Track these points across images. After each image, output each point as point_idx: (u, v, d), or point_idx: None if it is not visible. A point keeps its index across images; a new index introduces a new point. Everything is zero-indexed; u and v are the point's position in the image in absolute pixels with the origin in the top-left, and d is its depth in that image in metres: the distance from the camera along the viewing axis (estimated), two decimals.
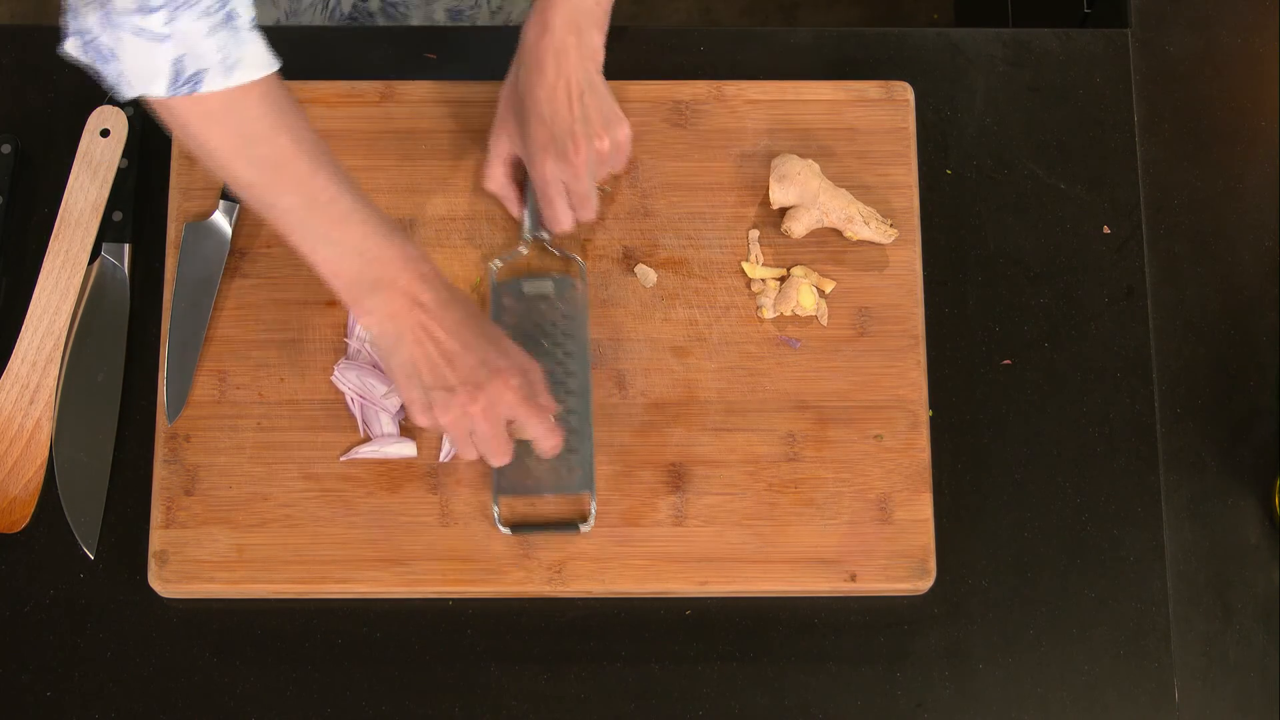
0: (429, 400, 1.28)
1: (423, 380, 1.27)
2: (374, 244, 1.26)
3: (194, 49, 1.15)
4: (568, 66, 1.36)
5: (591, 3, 1.37)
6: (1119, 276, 1.48)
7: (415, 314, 1.26)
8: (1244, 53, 1.55)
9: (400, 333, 1.26)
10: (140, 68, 1.15)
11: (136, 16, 1.13)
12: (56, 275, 1.44)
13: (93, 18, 1.13)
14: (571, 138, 1.36)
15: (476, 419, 1.28)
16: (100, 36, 1.14)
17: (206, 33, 1.15)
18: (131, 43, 1.14)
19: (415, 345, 1.27)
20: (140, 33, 1.13)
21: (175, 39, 1.14)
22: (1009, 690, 1.38)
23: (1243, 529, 1.43)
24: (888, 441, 1.40)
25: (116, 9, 1.12)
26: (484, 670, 1.38)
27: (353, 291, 1.26)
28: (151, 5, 1.12)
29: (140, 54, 1.14)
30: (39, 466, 1.40)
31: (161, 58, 1.15)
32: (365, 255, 1.26)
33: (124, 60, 1.15)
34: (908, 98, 1.48)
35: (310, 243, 1.25)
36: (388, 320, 1.26)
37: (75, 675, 1.37)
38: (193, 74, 1.16)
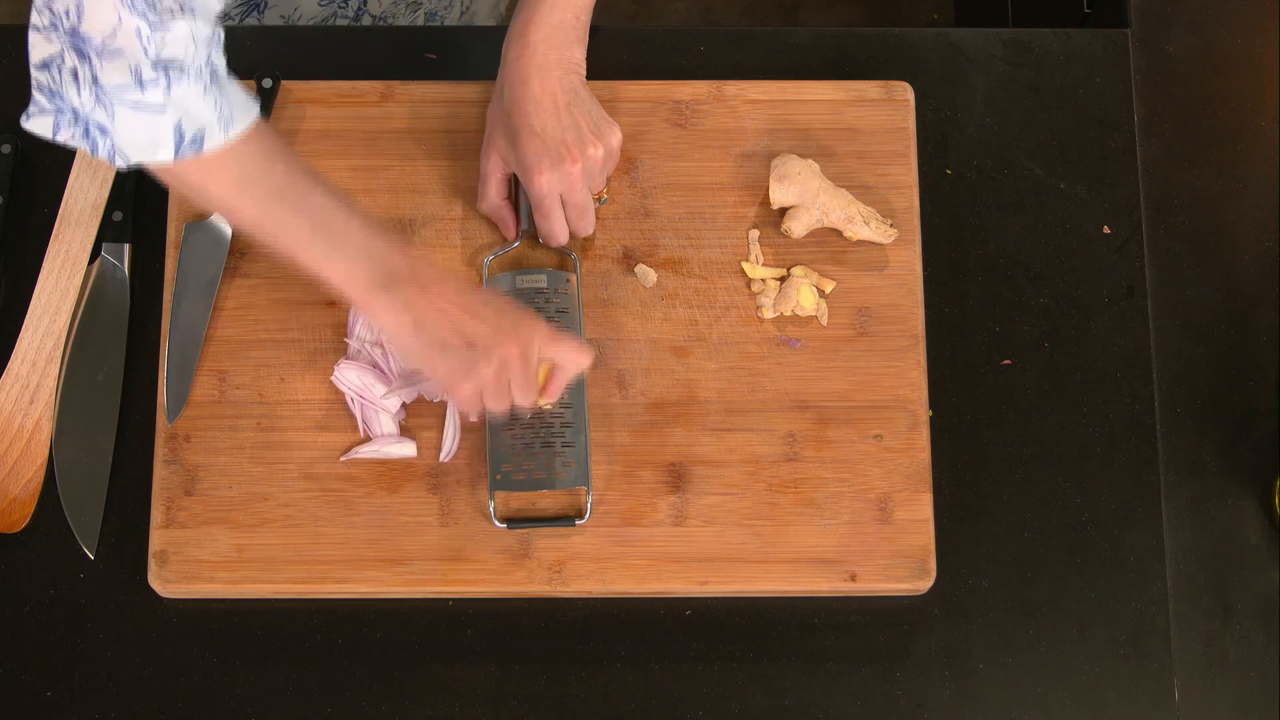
0: (466, 363, 1.28)
1: (454, 346, 1.27)
2: (377, 244, 1.27)
3: (191, 112, 1.16)
4: (552, 80, 1.37)
5: (571, 17, 1.38)
6: (1119, 276, 1.48)
7: (427, 296, 1.27)
8: (1244, 53, 1.55)
9: (419, 317, 1.27)
10: (141, 139, 1.15)
11: (133, 91, 1.12)
12: (56, 275, 1.44)
13: (83, 95, 1.12)
14: (565, 147, 1.37)
15: (515, 361, 1.28)
16: (93, 114, 1.13)
17: (200, 95, 1.16)
18: (128, 116, 1.14)
19: (436, 321, 1.27)
20: (138, 106, 1.13)
21: (173, 107, 1.14)
22: (1009, 690, 1.38)
23: (1243, 529, 1.43)
24: (888, 441, 1.40)
25: (109, 86, 1.12)
26: (484, 670, 1.38)
27: (369, 294, 1.27)
28: (145, 79, 1.12)
29: (140, 126, 1.14)
30: (39, 466, 1.40)
31: (162, 127, 1.15)
32: (373, 256, 1.27)
33: (121, 134, 1.14)
34: (908, 98, 1.49)
35: (321, 259, 1.27)
36: (405, 311, 1.27)
37: (75, 675, 1.37)
38: (194, 136, 1.17)
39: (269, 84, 1.46)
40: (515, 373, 1.29)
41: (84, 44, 1.11)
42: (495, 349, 1.27)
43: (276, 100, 1.46)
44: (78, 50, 1.11)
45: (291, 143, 1.46)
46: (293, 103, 1.47)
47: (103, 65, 1.11)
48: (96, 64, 1.11)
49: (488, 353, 1.27)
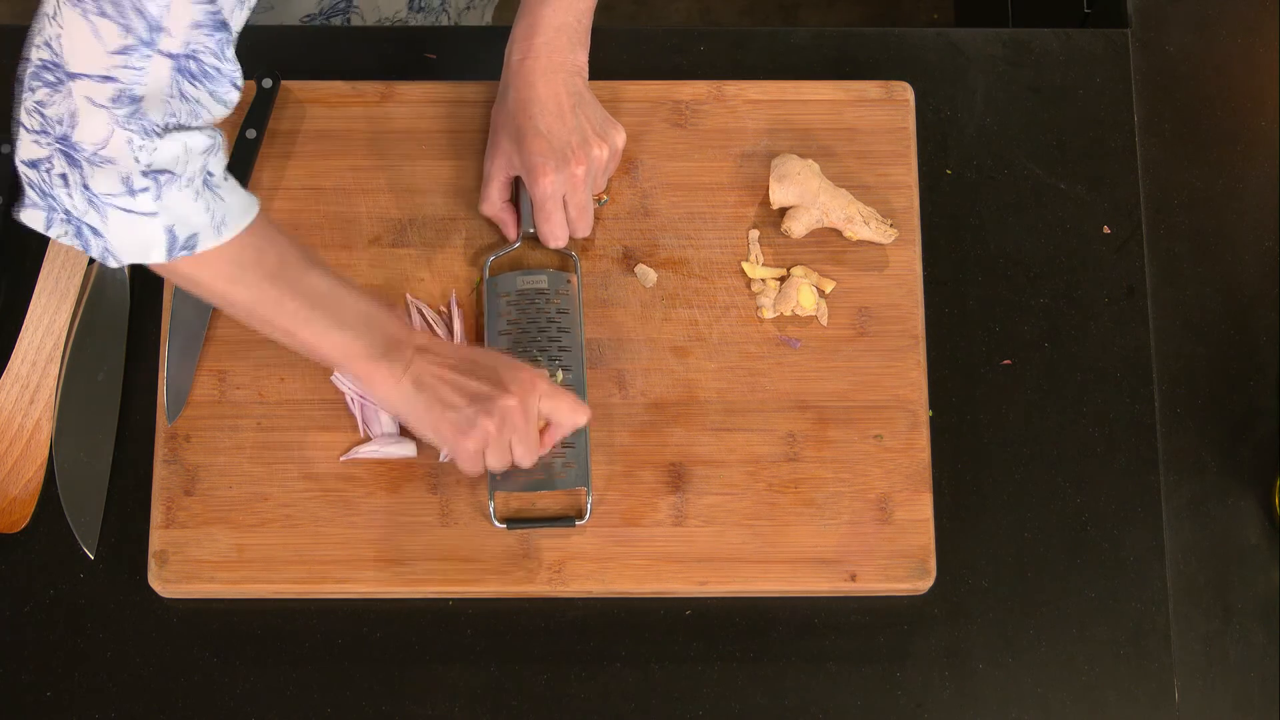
0: (467, 419, 1.28)
1: (455, 404, 1.27)
2: (373, 314, 1.27)
3: (184, 218, 1.15)
4: (556, 83, 1.37)
5: (573, 20, 1.38)
6: (1119, 276, 1.48)
7: (424, 358, 1.28)
8: (1244, 53, 1.55)
9: (419, 379, 1.28)
10: (132, 242, 1.15)
11: (123, 198, 1.12)
12: (56, 275, 1.44)
13: (75, 199, 1.12)
14: (570, 149, 1.37)
15: (515, 414, 1.28)
16: (85, 216, 1.13)
17: (192, 199, 1.15)
18: (120, 219, 1.13)
19: (437, 380, 1.28)
20: (129, 211, 1.13)
21: (164, 212, 1.14)
22: (1009, 690, 1.38)
23: (1243, 529, 1.43)
24: (888, 441, 1.40)
25: (99, 193, 1.12)
26: (484, 670, 1.38)
27: (369, 364, 1.27)
28: (135, 187, 1.12)
29: (131, 229, 1.14)
30: (39, 466, 1.40)
31: (154, 230, 1.15)
32: (370, 326, 1.27)
33: (113, 236, 1.14)
34: (908, 98, 1.49)
35: (319, 335, 1.26)
36: (405, 375, 1.27)
37: (75, 675, 1.37)
38: (187, 239, 1.16)
39: (269, 84, 1.46)
40: (516, 427, 1.28)
41: (75, 152, 1.10)
42: (496, 401, 1.27)
43: (276, 100, 1.46)
44: (68, 157, 1.10)
45: (291, 142, 1.46)
46: (293, 103, 1.47)
47: (93, 173, 1.11)
48: (87, 171, 1.11)
49: (488, 407, 1.27)
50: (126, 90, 1.08)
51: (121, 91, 1.08)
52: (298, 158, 1.46)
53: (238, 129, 1.45)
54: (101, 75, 1.07)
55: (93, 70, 1.07)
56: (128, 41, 1.06)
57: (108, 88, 1.08)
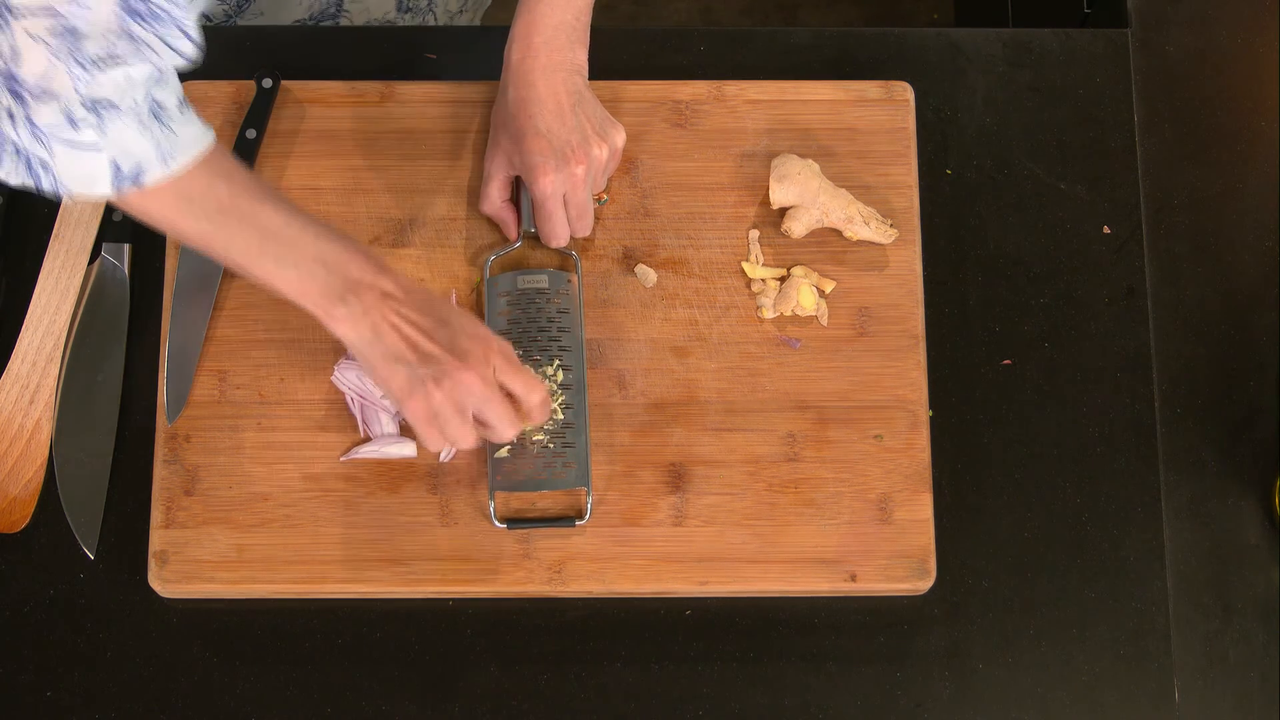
0: (418, 379, 1.26)
1: (409, 360, 1.26)
2: (332, 251, 1.26)
3: (128, 150, 1.16)
4: (556, 82, 1.37)
5: (571, 18, 1.38)
6: (1119, 276, 1.48)
7: (387, 304, 1.26)
8: (1244, 53, 1.55)
9: (376, 325, 1.26)
10: (78, 174, 1.15)
11: (66, 130, 1.13)
12: (56, 275, 1.44)
13: (20, 133, 1.13)
14: (570, 148, 1.37)
15: (473, 385, 1.27)
16: (32, 149, 1.14)
17: (138, 132, 1.15)
18: (64, 153, 1.14)
19: (393, 331, 1.26)
20: (73, 143, 1.14)
21: (108, 145, 1.15)
22: (1009, 690, 1.38)
23: (1243, 529, 1.43)
24: (888, 441, 1.40)
25: (43, 125, 1.13)
26: (484, 670, 1.38)
27: (324, 302, 1.26)
28: (77, 118, 1.13)
29: (76, 162, 1.15)
30: (39, 466, 1.40)
31: (99, 163, 1.15)
32: (328, 264, 1.25)
33: (60, 170, 1.15)
34: (908, 98, 1.49)
35: (272, 270, 1.25)
36: (362, 318, 1.26)
37: (75, 675, 1.37)
38: (132, 171, 1.17)
39: (269, 84, 1.46)
40: (479, 401, 1.27)
41: (18, 86, 1.11)
42: (448, 373, 1.26)
43: (276, 100, 1.46)
44: (13, 92, 1.11)
45: (291, 142, 1.46)
46: (293, 103, 1.47)
47: (36, 107, 1.12)
48: (30, 105, 1.12)
49: (438, 375, 1.26)
50: (65, 23, 1.09)
51: (60, 25, 1.09)
52: (298, 158, 1.46)
53: (238, 129, 1.45)
54: (42, 8, 1.08)
55: (33, 4, 1.08)
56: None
57: (46, 21, 1.09)
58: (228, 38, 1.52)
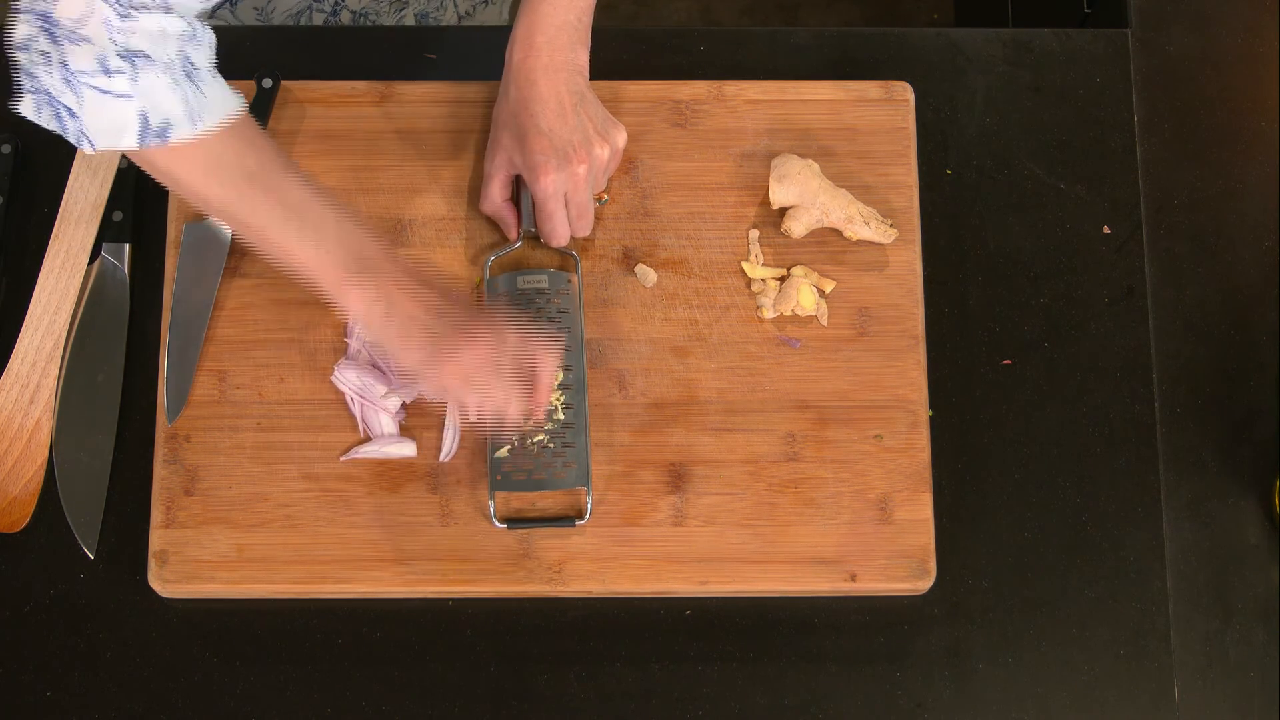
0: (437, 352, 1.27)
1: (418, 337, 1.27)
2: (350, 231, 1.26)
3: (158, 104, 1.16)
4: (558, 82, 1.37)
5: (573, 19, 1.38)
6: (1119, 276, 1.48)
7: (399, 281, 1.27)
8: (1244, 53, 1.55)
9: (392, 301, 1.26)
10: (106, 124, 1.16)
11: (99, 78, 1.14)
12: (56, 275, 1.44)
13: (53, 77, 1.14)
14: (571, 148, 1.37)
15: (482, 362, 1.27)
16: (61, 96, 1.14)
17: (169, 87, 1.16)
18: (95, 100, 1.15)
19: (409, 303, 1.26)
20: (104, 90, 1.14)
21: (139, 96, 1.15)
22: (1009, 690, 1.39)
23: (1243, 529, 1.43)
24: (888, 441, 1.40)
25: (76, 71, 1.13)
26: (484, 670, 1.38)
27: (342, 281, 1.26)
28: (111, 67, 1.13)
29: (105, 111, 1.15)
30: (39, 466, 1.40)
31: (128, 114, 1.16)
32: (346, 243, 1.26)
33: (88, 118, 1.15)
34: (908, 98, 1.49)
35: (291, 245, 1.26)
36: (376, 295, 1.26)
37: (75, 675, 1.37)
38: (160, 127, 1.17)
39: (269, 84, 1.46)
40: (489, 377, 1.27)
41: (55, 28, 1.12)
42: (458, 350, 1.26)
43: (276, 100, 1.46)
44: (49, 34, 1.12)
45: (291, 142, 1.46)
46: (293, 103, 1.47)
47: (71, 50, 1.12)
48: (65, 48, 1.12)
49: (451, 353, 1.26)
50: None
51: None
52: (298, 158, 1.46)
53: None
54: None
55: None
56: None
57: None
58: (228, 38, 1.52)
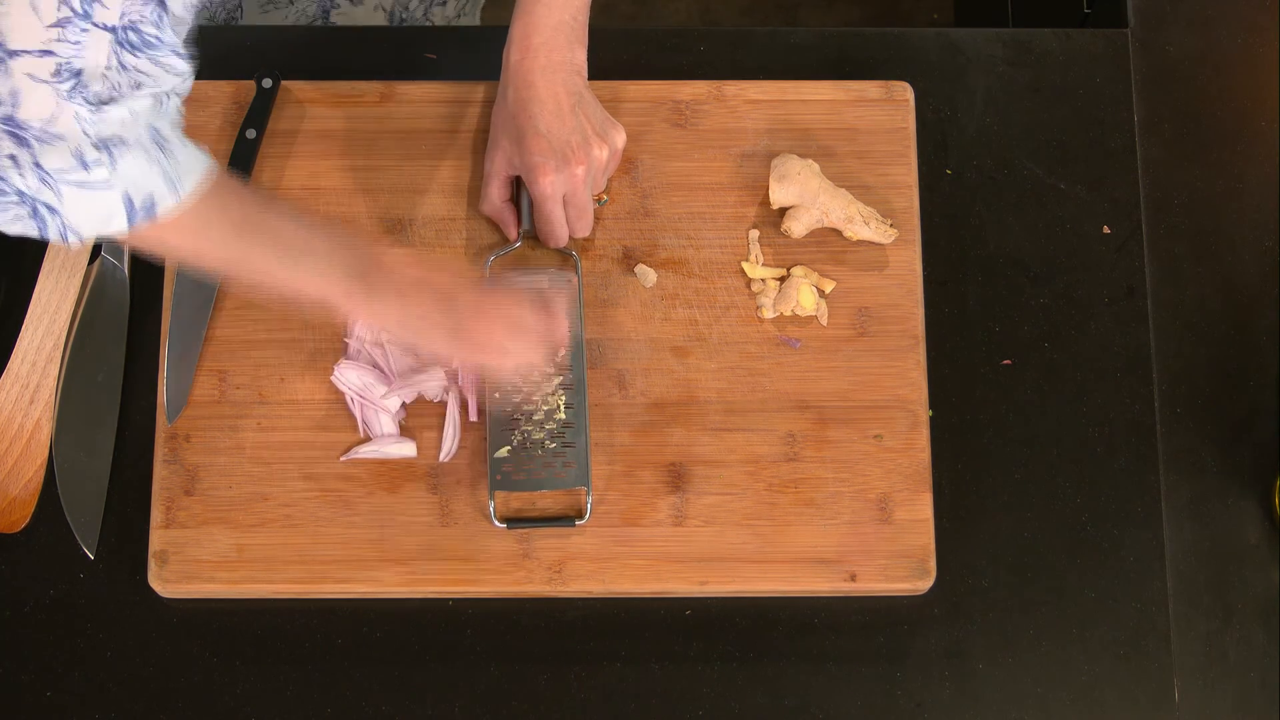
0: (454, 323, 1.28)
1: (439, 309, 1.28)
2: (346, 249, 1.27)
3: (138, 182, 1.14)
4: (556, 82, 1.37)
5: (569, 18, 1.38)
6: (1119, 276, 1.48)
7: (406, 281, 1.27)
8: (1244, 53, 1.55)
9: (402, 291, 1.27)
10: (91, 215, 1.13)
11: (77, 173, 1.11)
12: (56, 275, 1.44)
13: (28, 179, 1.10)
14: (570, 149, 1.37)
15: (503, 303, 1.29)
16: (40, 195, 1.11)
17: (146, 164, 1.14)
18: (74, 195, 1.12)
19: (419, 298, 1.27)
20: (83, 184, 1.11)
21: (119, 181, 1.13)
22: (1009, 690, 1.39)
23: (1243, 529, 1.43)
24: (888, 441, 1.40)
25: (52, 170, 1.10)
26: (484, 670, 1.38)
27: (351, 295, 1.26)
28: (88, 160, 1.10)
29: (89, 203, 1.12)
30: (39, 466, 1.40)
31: (112, 201, 1.13)
32: (346, 262, 1.26)
33: (70, 213, 1.12)
34: (908, 98, 1.49)
35: (297, 279, 1.26)
36: (390, 301, 1.27)
37: (75, 675, 1.37)
38: (145, 203, 1.15)
39: (269, 84, 1.46)
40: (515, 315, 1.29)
41: (22, 130, 1.08)
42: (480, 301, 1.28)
43: (276, 100, 1.46)
44: (15, 138, 1.09)
45: (291, 142, 1.46)
46: (293, 103, 1.47)
47: (43, 150, 1.09)
48: (37, 149, 1.09)
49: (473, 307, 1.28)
50: (66, 64, 1.07)
51: (61, 65, 1.07)
52: (298, 158, 1.46)
53: (238, 129, 1.45)
54: (40, 50, 1.06)
55: (31, 45, 1.06)
56: (62, 14, 1.06)
57: (48, 62, 1.07)
58: (228, 38, 1.53)
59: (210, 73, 1.48)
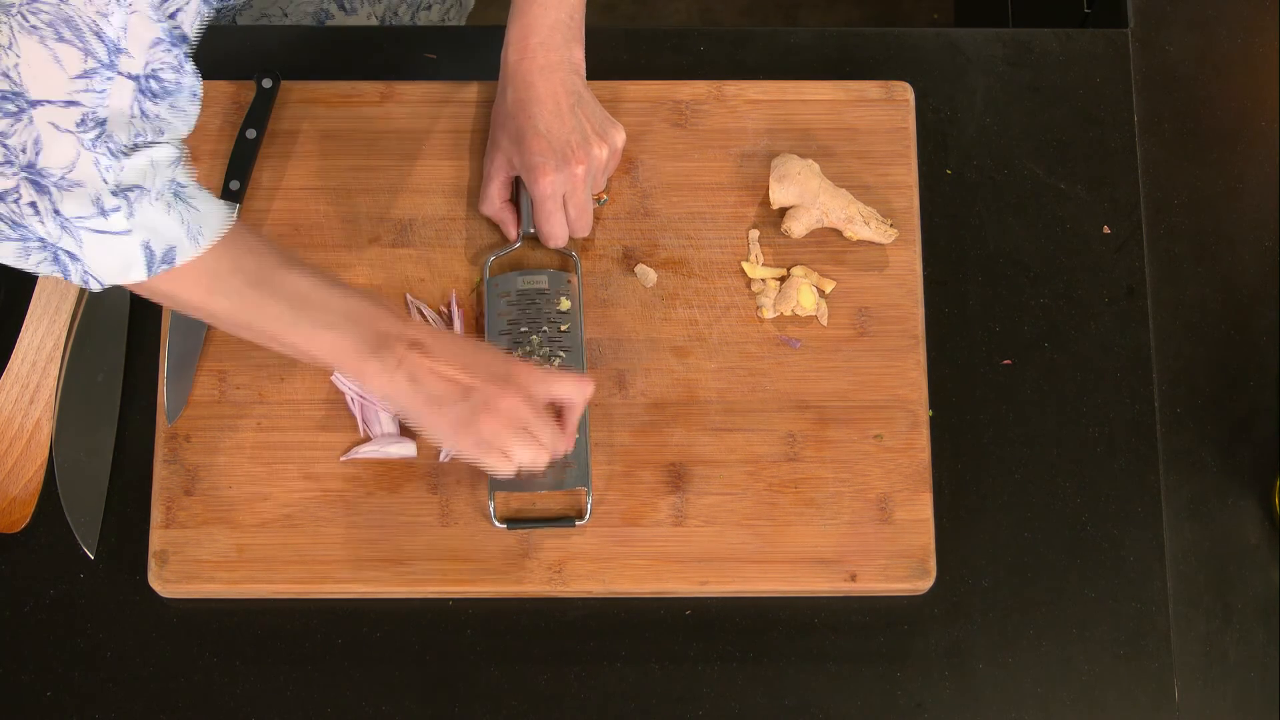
0: (464, 414, 1.26)
1: (452, 398, 1.26)
2: (359, 309, 1.25)
3: (158, 232, 1.14)
4: (555, 82, 1.37)
5: (565, 17, 1.38)
6: (1119, 276, 1.48)
7: (417, 351, 1.26)
8: (1244, 53, 1.55)
9: (413, 373, 1.26)
10: (112, 263, 1.14)
11: (95, 219, 1.11)
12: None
13: (48, 226, 1.11)
14: (570, 148, 1.37)
15: (522, 407, 1.27)
16: (60, 242, 1.11)
17: (164, 212, 1.14)
18: (94, 241, 1.12)
19: (431, 374, 1.25)
20: (102, 231, 1.12)
21: (138, 229, 1.13)
22: (1009, 690, 1.38)
23: (1243, 529, 1.43)
24: (888, 441, 1.40)
25: (71, 216, 1.10)
26: (484, 670, 1.38)
27: (359, 360, 1.25)
28: (106, 207, 1.11)
29: (108, 250, 1.13)
30: (39, 466, 1.40)
31: (131, 249, 1.13)
32: (358, 323, 1.25)
33: (90, 259, 1.13)
34: (908, 98, 1.49)
35: (306, 336, 1.25)
36: (397, 369, 1.25)
37: (75, 675, 1.37)
38: (165, 254, 1.15)
39: (269, 84, 1.46)
40: (527, 421, 1.27)
41: (42, 178, 1.09)
42: (494, 400, 1.26)
43: (276, 100, 1.46)
44: (35, 185, 1.09)
45: (291, 142, 1.46)
46: (293, 103, 1.47)
47: (62, 197, 1.10)
48: (56, 196, 1.09)
49: (486, 404, 1.26)
50: (91, 113, 1.08)
51: (86, 115, 1.08)
52: (298, 158, 1.46)
53: (238, 129, 1.45)
54: (65, 100, 1.07)
55: (55, 96, 1.07)
56: (89, 65, 1.07)
57: (72, 112, 1.07)
58: (228, 38, 1.52)
59: (210, 73, 1.48)
